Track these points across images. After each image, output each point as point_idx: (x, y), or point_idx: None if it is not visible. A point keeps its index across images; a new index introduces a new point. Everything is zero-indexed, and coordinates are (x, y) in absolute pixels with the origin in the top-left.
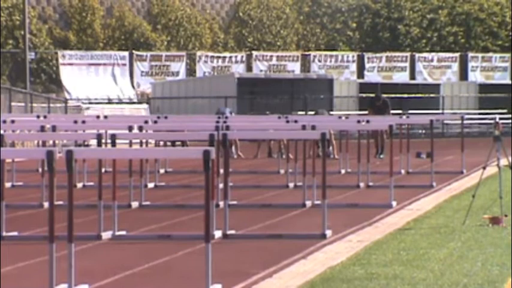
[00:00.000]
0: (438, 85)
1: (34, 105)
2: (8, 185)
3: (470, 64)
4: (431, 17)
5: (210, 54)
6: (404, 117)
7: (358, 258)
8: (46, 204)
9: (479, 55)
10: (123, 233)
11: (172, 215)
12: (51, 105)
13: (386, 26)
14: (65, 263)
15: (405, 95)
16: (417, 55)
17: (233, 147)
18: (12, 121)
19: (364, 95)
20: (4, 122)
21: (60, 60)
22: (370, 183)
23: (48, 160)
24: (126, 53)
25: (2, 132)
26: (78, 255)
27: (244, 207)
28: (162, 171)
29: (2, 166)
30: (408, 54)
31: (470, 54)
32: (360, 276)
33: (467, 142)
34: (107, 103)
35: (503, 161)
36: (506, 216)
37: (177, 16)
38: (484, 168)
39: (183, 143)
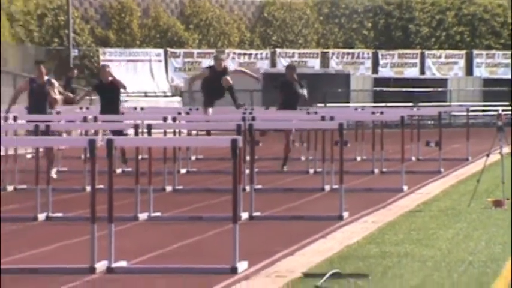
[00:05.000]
0: (446, 80)
1: (78, 98)
2: (53, 170)
3: (476, 60)
4: (439, 18)
5: (238, 51)
6: (415, 109)
7: (372, 237)
8: (88, 188)
9: (484, 52)
10: (158, 214)
11: (203, 198)
12: (93, 97)
13: (399, 26)
14: (105, 242)
15: (416, 89)
16: (427, 52)
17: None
18: (58, 112)
19: (378, 88)
20: (50, 113)
21: (101, 57)
22: (384, 169)
23: (90, 148)
24: (161, 51)
25: (48, 122)
26: (117, 234)
27: (269, 191)
28: (193, 158)
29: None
30: (418, 51)
31: (475, 52)
32: (375, 254)
33: (472, 132)
34: (143, 96)
35: (506, 149)
36: (508, 199)
37: (208, 17)
38: (488, 155)
39: (208, 133)
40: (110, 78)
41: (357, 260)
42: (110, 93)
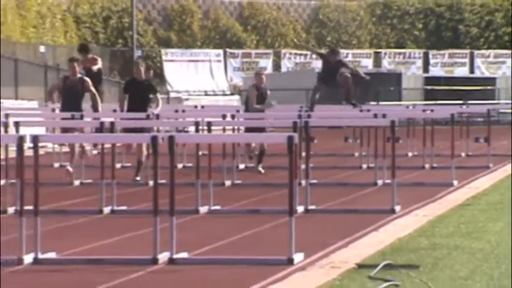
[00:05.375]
0: (494, 78)
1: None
2: (118, 165)
3: None
4: (488, 19)
5: (294, 51)
6: (464, 107)
7: (423, 230)
8: (151, 183)
9: None
10: (218, 207)
11: (260, 192)
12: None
13: (449, 27)
14: (167, 234)
15: (465, 87)
16: (476, 52)
17: None
18: (122, 110)
19: (428, 87)
20: (114, 111)
21: (164, 57)
22: (434, 165)
23: (152, 144)
24: (220, 51)
25: (113, 120)
26: (178, 227)
27: (323, 186)
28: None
29: (113, 150)
30: (468, 51)
31: None
32: (425, 246)
33: None
34: (204, 95)
35: None
36: None
37: (265, 18)
38: None
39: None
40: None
41: (408, 251)
42: (141, 92)
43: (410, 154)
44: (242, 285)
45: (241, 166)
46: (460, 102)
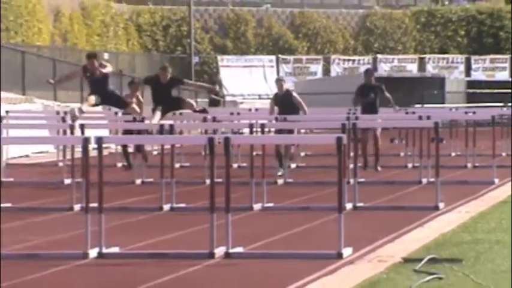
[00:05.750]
0: None
1: (198, 100)
2: (177, 165)
3: None
4: None
5: (342, 57)
6: (504, 109)
7: (466, 226)
8: (208, 181)
9: None
10: (271, 205)
11: (311, 191)
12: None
13: (490, 33)
14: (223, 230)
15: (505, 90)
16: None
17: None
18: (181, 113)
19: (470, 90)
20: (174, 113)
21: (220, 63)
22: (476, 164)
23: (209, 145)
24: (273, 57)
25: (172, 122)
26: (233, 223)
27: (371, 184)
28: (302, 154)
29: (172, 150)
30: (508, 56)
31: None
32: (468, 241)
33: None
34: (257, 98)
35: None
36: None
37: (315, 26)
38: None
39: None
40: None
41: (451, 246)
42: (165, 92)
43: (453, 154)
44: (294, 278)
45: (293, 166)
46: (501, 104)
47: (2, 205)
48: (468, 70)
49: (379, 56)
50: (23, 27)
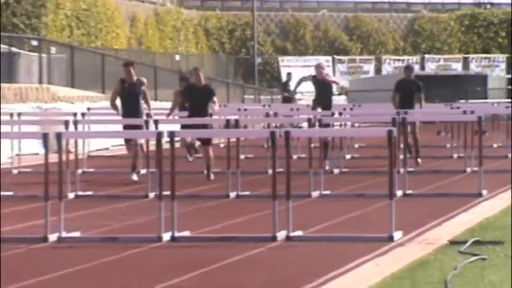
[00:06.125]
0: None
1: (261, 97)
2: (242, 157)
3: None
4: None
5: (393, 57)
6: None
7: (507, 211)
8: (270, 171)
9: None
10: (328, 192)
11: (364, 179)
12: (274, 97)
13: None
14: (284, 215)
15: None
16: None
17: None
18: (245, 109)
19: (511, 87)
20: (239, 110)
21: (281, 64)
22: None
23: (271, 138)
24: (329, 57)
25: (237, 117)
26: (294, 209)
27: (419, 173)
28: (356, 146)
29: (238, 143)
30: None
31: None
32: (509, 225)
33: None
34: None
35: None
36: None
37: (368, 29)
38: None
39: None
40: (203, 81)
41: (494, 229)
42: (201, 96)
43: (495, 145)
44: (350, 259)
45: (348, 156)
46: None
47: (83, 193)
48: (509, 68)
49: (426, 55)
50: (102, 32)
